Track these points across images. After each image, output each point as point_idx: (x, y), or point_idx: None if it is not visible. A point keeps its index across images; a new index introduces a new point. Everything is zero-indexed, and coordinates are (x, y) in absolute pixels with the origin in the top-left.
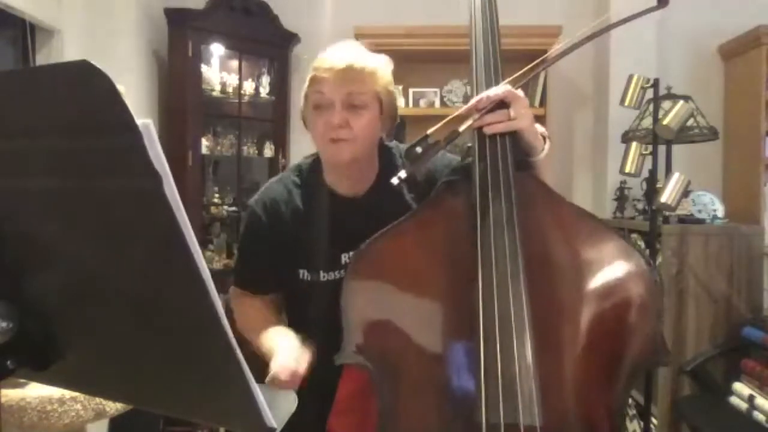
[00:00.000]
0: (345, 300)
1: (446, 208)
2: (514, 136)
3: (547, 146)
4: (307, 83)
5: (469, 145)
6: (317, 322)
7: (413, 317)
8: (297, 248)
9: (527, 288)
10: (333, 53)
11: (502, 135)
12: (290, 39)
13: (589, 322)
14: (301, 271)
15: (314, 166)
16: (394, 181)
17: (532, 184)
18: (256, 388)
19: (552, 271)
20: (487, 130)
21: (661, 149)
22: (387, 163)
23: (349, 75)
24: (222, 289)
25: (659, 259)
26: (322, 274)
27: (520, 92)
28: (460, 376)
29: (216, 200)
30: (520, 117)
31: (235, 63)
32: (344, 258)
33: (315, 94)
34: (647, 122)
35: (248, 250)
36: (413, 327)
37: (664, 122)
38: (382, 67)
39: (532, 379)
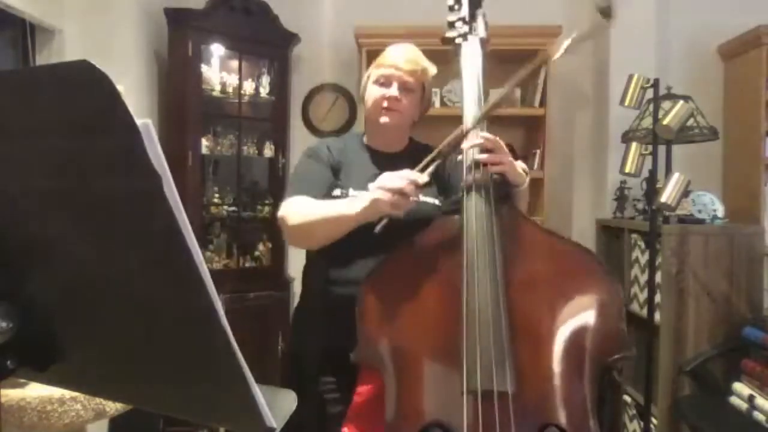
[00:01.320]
0: (359, 309)
1: (440, 234)
2: (498, 175)
3: (527, 179)
4: (373, 67)
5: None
6: (334, 254)
7: (416, 321)
8: (339, 174)
9: (503, 288)
10: (401, 51)
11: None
12: (290, 39)
13: (559, 320)
14: (336, 189)
15: (359, 135)
16: (377, 230)
17: (509, 211)
18: (256, 388)
19: (525, 275)
20: (487, 162)
21: (661, 149)
22: (417, 145)
23: (412, 71)
24: (222, 289)
25: (659, 259)
26: (351, 191)
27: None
28: (451, 359)
29: (216, 200)
30: (506, 163)
31: (235, 63)
32: (369, 186)
33: (380, 74)
34: (647, 122)
35: (307, 166)
36: (415, 329)
37: (664, 122)
38: (429, 67)
39: (506, 356)
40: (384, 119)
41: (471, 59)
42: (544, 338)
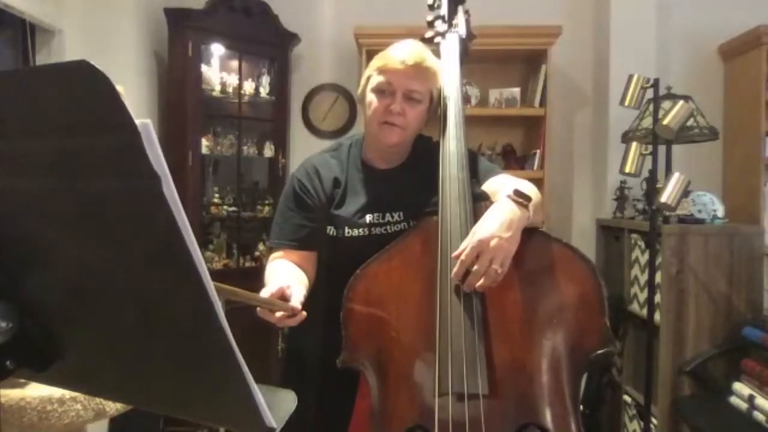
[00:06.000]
0: (344, 315)
1: (419, 236)
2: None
3: (531, 207)
4: (373, 68)
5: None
6: (337, 272)
7: (397, 324)
8: (330, 208)
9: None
10: (405, 49)
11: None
12: (290, 39)
13: (536, 318)
14: (329, 228)
15: (357, 143)
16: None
17: (485, 208)
18: (255, 388)
19: (504, 275)
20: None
21: (661, 149)
22: (420, 147)
23: (416, 71)
24: None
25: (659, 259)
26: (347, 230)
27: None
28: (429, 362)
29: (216, 200)
30: (498, 263)
31: (235, 63)
32: (368, 218)
33: (381, 80)
34: (647, 122)
35: (288, 207)
36: (397, 331)
37: (664, 122)
38: (439, 69)
39: (478, 358)
40: (385, 136)
41: (449, 58)
42: (521, 336)
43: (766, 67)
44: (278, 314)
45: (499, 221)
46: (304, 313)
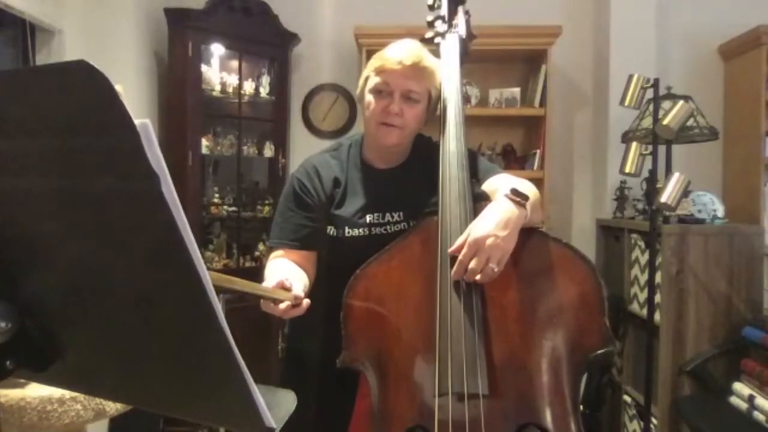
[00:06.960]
0: (344, 315)
1: (420, 236)
2: (469, 156)
3: (529, 206)
4: (371, 69)
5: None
6: (337, 271)
7: (397, 324)
8: (330, 208)
9: (478, 288)
10: (401, 49)
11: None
12: (290, 39)
13: (536, 318)
14: (329, 228)
15: (357, 143)
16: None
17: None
18: (255, 389)
19: (502, 272)
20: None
21: (661, 149)
22: (419, 147)
23: (414, 71)
24: (222, 289)
25: (659, 259)
26: (347, 230)
27: (480, 232)
28: (429, 363)
29: (216, 200)
30: (494, 260)
31: (235, 63)
32: (368, 218)
33: (379, 81)
34: (647, 122)
35: (288, 207)
36: (397, 331)
37: (664, 122)
38: (436, 68)
39: (478, 358)
40: (384, 138)
41: (449, 58)
42: (521, 337)
43: (766, 67)
44: (282, 306)
45: (495, 220)
46: (308, 300)
